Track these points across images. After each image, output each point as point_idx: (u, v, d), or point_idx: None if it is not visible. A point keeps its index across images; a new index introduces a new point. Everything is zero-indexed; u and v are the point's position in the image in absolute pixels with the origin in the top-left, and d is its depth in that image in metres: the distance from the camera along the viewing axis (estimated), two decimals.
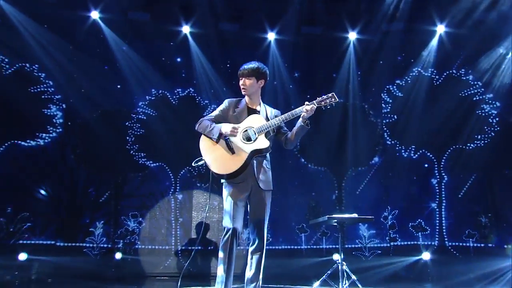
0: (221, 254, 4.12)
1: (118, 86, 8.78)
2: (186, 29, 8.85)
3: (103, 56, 8.56)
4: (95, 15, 8.43)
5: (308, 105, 4.14)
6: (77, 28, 8.36)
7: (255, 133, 4.18)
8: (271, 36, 9.06)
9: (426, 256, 8.43)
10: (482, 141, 8.58)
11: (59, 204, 8.38)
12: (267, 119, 4.31)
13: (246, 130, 4.20)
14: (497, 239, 8.25)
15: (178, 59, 9.12)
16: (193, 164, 4.21)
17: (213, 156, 4.17)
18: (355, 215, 5.77)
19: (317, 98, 4.18)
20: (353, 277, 5.67)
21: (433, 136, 8.84)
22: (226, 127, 4.17)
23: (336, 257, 8.23)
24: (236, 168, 4.11)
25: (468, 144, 8.66)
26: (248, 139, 4.18)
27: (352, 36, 9.09)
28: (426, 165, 8.97)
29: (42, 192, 8.26)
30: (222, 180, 4.26)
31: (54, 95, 8.39)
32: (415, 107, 8.90)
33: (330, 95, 4.18)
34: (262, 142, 4.18)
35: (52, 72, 8.29)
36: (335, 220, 5.78)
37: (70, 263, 7.80)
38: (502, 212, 8.26)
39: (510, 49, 8.19)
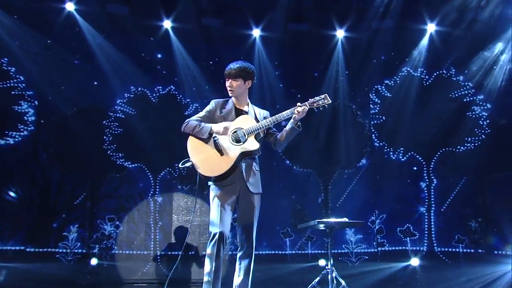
0: (207, 260, 4.01)
1: (95, 83, 8.39)
2: (167, 24, 8.50)
3: (79, 50, 8.20)
4: (70, 6, 8.01)
5: (299, 106, 4.09)
6: (50, 20, 7.95)
7: (244, 135, 4.11)
8: (256, 32, 8.78)
9: (415, 262, 8.26)
10: (473, 144, 8.40)
11: (29, 207, 7.98)
12: (256, 120, 4.25)
13: (235, 131, 4.12)
14: (488, 244, 8.13)
15: (159, 55, 8.76)
16: (180, 166, 4.11)
17: (201, 158, 4.08)
18: (345, 219, 5.62)
19: (309, 99, 4.13)
20: (343, 283, 5.47)
21: (422, 138, 8.67)
22: (217, 127, 4.10)
23: (322, 262, 8.12)
24: (224, 170, 4.03)
25: (458, 147, 8.49)
26: (237, 140, 4.10)
27: (340, 34, 8.84)
28: (415, 168, 8.79)
29: (12, 194, 7.85)
30: (209, 183, 4.18)
31: (25, 91, 7.95)
32: (404, 108, 8.71)
33: (322, 96, 4.15)
34: (252, 144, 4.11)
35: (23, 66, 7.87)
36: (325, 225, 5.59)
37: (42, 270, 7.42)
38: (493, 216, 8.13)
39: (502, 50, 8.04)
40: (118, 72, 8.33)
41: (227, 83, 4.26)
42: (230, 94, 4.29)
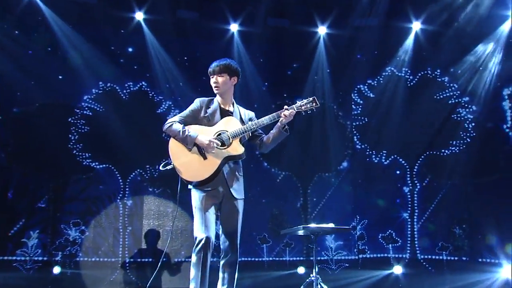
0: (193, 268, 3.87)
1: (60, 77, 7.90)
2: (139, 16, 8.05)
3: (42, 41, 7.72)
4: None
5: (286, 109, 4.03)
6: (9, 7, 7.43)
7: (229, 138, 4.02)
8: (234, 27, 8.44)
9: (397, 269, 8.05)
10: (458, 147, 8.20)
11: None
12: (241, 121, 4.19)
13: (220, 134, 4.04)
14: (472, 252, 7.93)
15: (130, 49, 8.33)
16: (160, 168, 4.03)
17: (183, 161, 4.00)
18: (331, 224, 5.40)
19: (297, 101, 4.11)
20: None
21: (405, 141, 8.49)
22: (202, 138, 3.97)
23: (301, 270, 7.99)
24: (208, 175, 3.94)
25: (443, 150, 8.29)
26: (222, 144, 4.00)
27: (322, 30, 8.57)
28: (398, 172, 8.64)
29: None
30: (190, 186, 4.08)
31: None
32: (388, 109, 8.54)
33: (311, 99, 4.10)
34: (237, 148, 4.03)
35: None
36: (310, 230, 5.37)
37: None
38: (477, 223, 7.91)
39: (491, 51, 7.83)
40: (85, 66, 7.90)
41: (212, 80, 4.17)
42: (215, 91, 4.19)
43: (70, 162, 7.81)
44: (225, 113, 4.18)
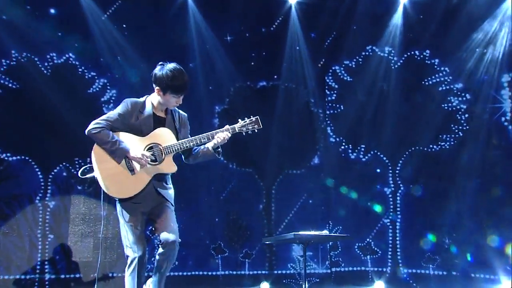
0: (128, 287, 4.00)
1: None
2: None
3: None
4: None
5: (222, 131, 4.09)
6: None
7: (162, 154, 4.02)
8: None
9: (379, 286, 7.44)
10: (448, 143, 7.72)
11: None
12: (175, 129, 4.17)
13: (152, 147, 4.03)
14: (463, 266, 7.32)
15: (52, 10, 7.52)
16: (79, 175, 4.06)
17: (107, 174, 3.94)
18: (326, 232, 5.34)
19: (239, 121, 4.15)
20: None
21: (387, 133, 7.99)
22: (135, 153, 3.94)
23: (265, 286, 7.47)
24: (134, 193, 3.92)
25: (431, 146, 7.81)
26: (153, 159, 4.03)
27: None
28: (378, 170, 8.14)
29: None
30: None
31: None
32: (367, 96, 8.05)
33: (253, 119, 4.13)
34: (170, 166, 4.04)
35: None
36: (300, 239, 5.04)
37: None
38: (471, 231, 7.31)
39: (494, 29, 7.16)
40: None
41: (178, 101, 4.05)
42: (172, 108, 4.15)
43: None
44: (158, 121, 4.09)
